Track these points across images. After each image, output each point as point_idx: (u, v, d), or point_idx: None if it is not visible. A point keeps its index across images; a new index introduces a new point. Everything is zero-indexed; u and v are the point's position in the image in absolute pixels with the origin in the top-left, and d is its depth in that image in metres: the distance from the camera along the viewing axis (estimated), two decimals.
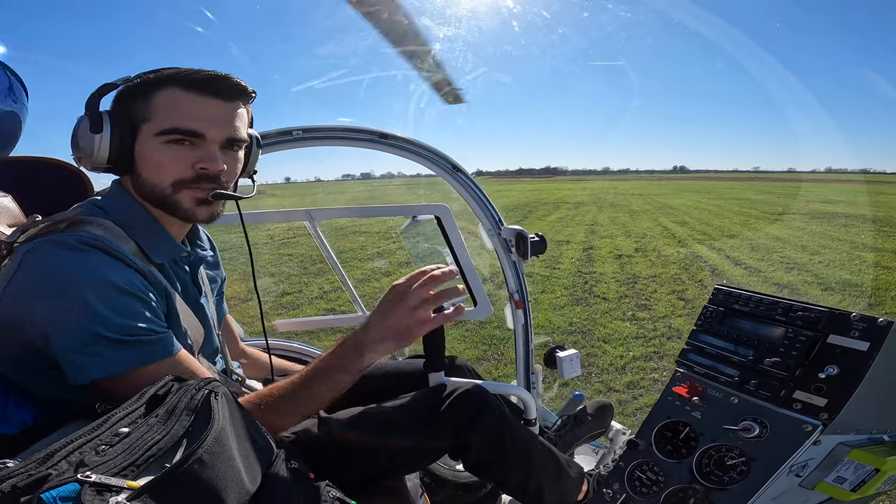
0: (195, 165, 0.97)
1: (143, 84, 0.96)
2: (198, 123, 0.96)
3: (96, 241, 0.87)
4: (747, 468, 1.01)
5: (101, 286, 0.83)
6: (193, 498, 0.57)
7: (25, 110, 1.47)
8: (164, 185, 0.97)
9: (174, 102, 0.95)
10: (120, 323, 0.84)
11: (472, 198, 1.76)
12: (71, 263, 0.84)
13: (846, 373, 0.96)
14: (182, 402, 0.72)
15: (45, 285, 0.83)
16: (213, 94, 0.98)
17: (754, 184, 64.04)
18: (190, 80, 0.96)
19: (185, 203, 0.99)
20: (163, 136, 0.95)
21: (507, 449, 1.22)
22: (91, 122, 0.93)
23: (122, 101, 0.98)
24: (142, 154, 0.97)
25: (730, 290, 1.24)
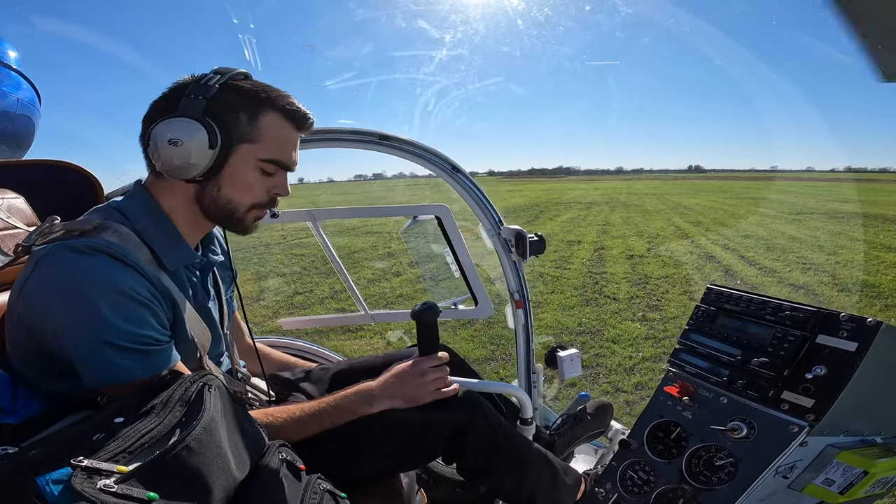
0: (270, 191, 1.04)
1: (246, 98, 0.98)
2: (293, 158, 1.05)
3: (108, 247, 0.88)
4: (735, 469, 1.01)
5: (110, 292, 0.85)
6: (180, 482, 0.61)
7: (38, 114, 1.53)
8: (245, 204, 1.03)
9: (280, 133, 1.01)
10: (127, 330, 0.85)
11: (471, 198, 1.78)
12: (82, 268, 0.85)
13: (834, 373, 0.96)
14: (176, 394, 0.75)
15: (57, 289, 0.84)
16: (302, 129, 1.05)
17: (772, 183, 62.90)
18: (290, 112, 1.01)
19: (249, 221, 1.06)
20: (264, 163, 1.00)
21: (501, 455, 1.24)
22: (210, 135, 0.93)
23: (223, 111, 0.96)
24: (235, 171, 0.99)
25: (721, 289, 1.24)
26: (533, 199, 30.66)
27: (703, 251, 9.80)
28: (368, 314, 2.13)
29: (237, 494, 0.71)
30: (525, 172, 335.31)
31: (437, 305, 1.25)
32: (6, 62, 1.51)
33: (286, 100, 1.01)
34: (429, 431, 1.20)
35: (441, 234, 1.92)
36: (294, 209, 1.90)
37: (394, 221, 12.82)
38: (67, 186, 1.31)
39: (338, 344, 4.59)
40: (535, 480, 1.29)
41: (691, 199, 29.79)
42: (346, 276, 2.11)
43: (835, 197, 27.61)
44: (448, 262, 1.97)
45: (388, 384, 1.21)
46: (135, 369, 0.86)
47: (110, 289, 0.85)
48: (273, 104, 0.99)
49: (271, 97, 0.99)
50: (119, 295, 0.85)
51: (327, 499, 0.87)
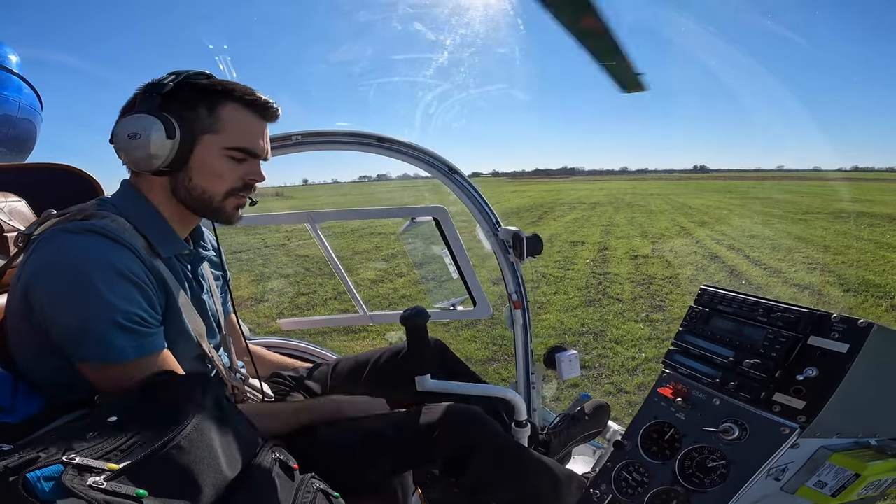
0: (245, 178, 1.09)
1: (204, 92, 1.02)
2: (259, 145, 1.08)
3: (104, 228, 0.92)
4: (727, 471, 1.01)
5: (106, 269, 0.88)
6: (169, 480, 0.62)
7: (40, 118, 1.55)
8: (218, 192, 1.07)
9: (242, 122, 1.05)
10: (122, 308, 0.88)
11: (469, 199, 1.78)
12: (78, 247, 0.89)
13: (825, 375, 0.95)
14: (169, 394, 0.76)
15: (54, 266, 0.88)
16: (267, 118, 1.10)
17: (778, 182, 62.46)
18: (250, 101, 1.05)
19: (229, 209, 1.10)
20: (229, 151, 1.04)
21: (502, 472, 1.24)
22: (166, 127, 0.98)
23: (181, 106, 1.01)
24: (202, 162, 1.03)
25: (714, 290, 1.24)
26: (537, 199, 30.63)
27: (707, 251, 9.76)
28: (367, 315, 2.14)
29: (228, 492, 0.72)
30: (529, 173, 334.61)
31: (425, 310, 1.26)
32: (7, 66, 1.54)
33: (245, 91, 1.05)
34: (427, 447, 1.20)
35: (439, 235, 1.93)
36: (293, 211, 1.92)
37: (396, 223, 12.85)
38: (69, 189, 1.33)
39: (340, 345, 4.60)
40: (536, 492, 1.29)
41: (696, 199, 29.64)
42: (344, 277, 2.13)
43: (841, 196, 27.38)
44: (447, 263, 1.98)
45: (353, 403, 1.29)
46: (126, 349, 0.88)
47: (106, 266, 0.88)
48: (231, 95, 1.04)
49: (228, 89, 1.03)
50: (114, 272, 0.89)
51: (320, 498, 0.88)
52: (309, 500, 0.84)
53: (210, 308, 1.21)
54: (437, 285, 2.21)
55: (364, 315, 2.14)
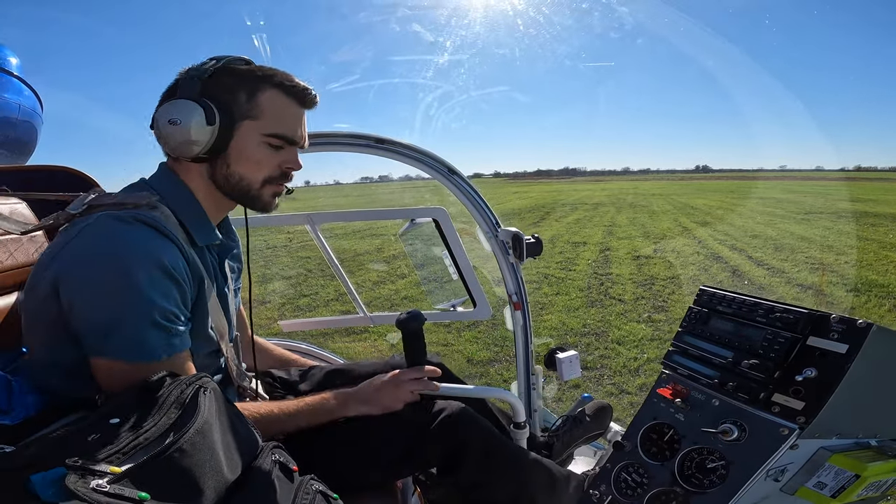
0: (282, 165, 1.07)
1: (245, 78, 1.01)
2: (297, 132, 1.07)
3: (154, 221, 0.91)
4: (726, 472, 1.01)
5: (151, 265, 0.86)
6: (172, 483, 0.62)
7: (40, 120, 1.55)
8: (256, 180, 1.06)
9: (281, 108, 1.03)
10: (161, 306, 0.87)
11: (468, 201, 1.79)
12: (127, 237, 0.87)
13: (824, 375, 0.96)
14: (172, 396, 0.77)
15: (100, 254, 0.85)
16: (306, 105, 1.08)
17: (780, 182, 62.33)
18: (290, 88, 1.04)
19: (266, 197, 1.09)
20: (268, 138, 1.03)
21: (497, 470, 1.24)
22: (206, 112, 0.97)
23: (221, 91, 1.00)
24: (241, 148, 1.03)
25: (713, 291, 1.24)
26: (539, 200, 30.62)
27: (710, 251, 9.74)
28: (367, 316, 2.15)
29: (229, 495, 0.72)
30: (531, 174, 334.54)
31: (421, 314, 1.27)
32: (7, 69, 1.54)
33: (285, 77, 1.04)
34: (423, 445, 1.21)
35: (439, 236, 1.93)
36: (293, 213, 1.92)
37: (397, 224, 12.86)
38: (69, 190, 1.33)
39: (342, 346, 4.61)
40: (533, 491, 1.29)
41: (699, 199, 29.60)
42: (344, 278, 2.13)
43: (844, 196, 27.30)
44: (446, 264, 1.98)
45: (363, 390, 1.25)
46: (158, 348, 0.88)
47: (152, 261, 0.87)
48: (271, 81, 1.02)
49: (268, 75, 1.03)
50: (159, 268, 0.88)
51: (319, 499, 0.88)
52: (308, 501, 0.84)
53: (231, 303, 1.21)
54: (438, 286, 2.22)
55: (364, 316, 2.15)
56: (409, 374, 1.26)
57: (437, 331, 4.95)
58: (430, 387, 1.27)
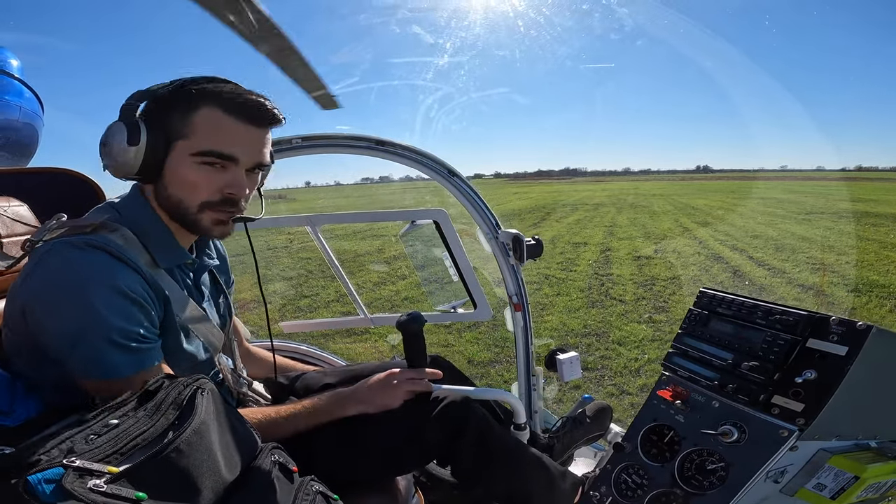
0: (223, 190, 1.00)
1: (184, 97, 0.97)
2: (235, 149, 0.98)
3: (107, 245, 0.91)
4: (726, 473, 1.01)
5: (106, 289, 0.87)
6: (169, 483, 0.63)
7: (41, 122, 1.56)
8: (192, 204, 1.00)
9: (214, 125, 0.97)
10: (120, 327, 0.87)
11: (468, 202, 1.79)
12: (79, 264, 0.88)
13: (824, 377, 0.95)
14: (170, 397, 0.77)
15: (56, 283, 0.87)
16: (251, 121, 0.99)
17: (781, 182, 62.27)
18: (231, 104, 0.97)
19: (206, 223, 1.03)
20: (199, 157, 0.97)
21: (494, 460, 1.25)
22: (129, 133, 0.94)
23: (158, 111, 0.97)
24: (174, 170, 0.98)
25: (713, 292, 1.24)
26: (539, 201, 30.62)
27: (711, 252, 9.73)
28: (368, 317, 2.15)
29: (228, 495, 0.72)
30: (532, 174, 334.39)
31: (421, 315, 1.27)
32: (8, 71, 1.55)
33: (232, 93, 0.98)
34: (422, 435, 1.22)
35: (440, 238, 1.93)
36: (293, 214, 1.93)
37: (397, 225, 12.86)
38: (70, 193, 1.34)
39: (343, 347, 4.62)
40: (529, 485, 1.30)
41: (700, 199, 29.59)
42: (344, 279, 2.13)
43: (845, 196, 27.27)
44: (447, 265, 1.98)
45: (359, 390, 1.25)
46: (121, 365, 0.88)
47: (107, 285, 0.87)
48: (212, 98, 0.96)
49: (212, 92, 0.97)
50: (115, 292, 0.88)
51: (319, 500, 0.88)
52: (308, 502, 0.85)
53: (212, 315, 1.20)
54: (438, 288, 2.21)
55: (365, 318, 2.15)
56: (406, 374, 1.27)
57: (437, 332, 4.95)
58: (426, 386, 1.28)
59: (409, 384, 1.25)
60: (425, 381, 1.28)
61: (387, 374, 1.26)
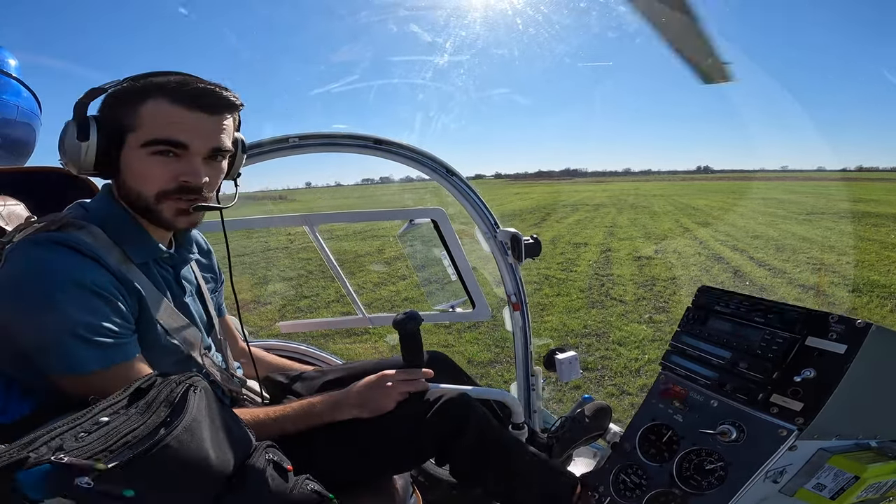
0: (178, 178, 1.00)
1: (132, 92, 0.97)
2: (183, 135, 0.98)
3: (68, 240, 0.90)
4: (725, 473, 1.00)
5: (68, 284, 0.87)
6: (159, 480, 0.62)
7: (39, 122, 1.55)
8: (149, 195, 1.00)
9: (161, 114, 0.96)
10: (84, 321, 0.87)
11: (467, 201, 1.78)
12: (41, 260, 0.88)
13: (823, 376, 0.95)
14: (161, 395, 0.76)
15: (16, 280, 0.87)
16: (200, 108, 0.99)
17: (782, 183, 62.23)
18: (178, 93, 0.97)
19: (167, 213, 1.02)
20: (148, 147, 0.96)
21: (491, 458, 1.24)
22: (78, 129, 0.95)
23: (111, 107, 0.99)
24: (127, 163, 0.99)
25: (711, 290, 1.24)
26: (540, 201, 30.61)
27: (711, 252, 9.72)
28: (366, 317, 2.14)
29: (220, 493, 0.72)
30: (532, 174, 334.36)
31: (418, 315, 1.27)
32: (6, 70, 1.55)
33: (173, 83, 0.97)
34: (420, 433, 1.21)
35: (438, 237, 1.93)
36: (291, 214, 1.92)
37: (397, 225, 12.87)
38: (67, 192, 1.33)
39: (342, 347, 4.61)
40: (527, 483, 1.29)
41: (700, 199, 29.57)
42: (342, 279, 2.13)
43: (846, 196, 27.24)
44: (445, 265, 1.98)
45: (352, 394, 1.23)
46: (89, 360, 0.87)
47: (68, 280, 0.87)
48: (159, 89, 0.97)
49: (159, 84, 0.97)
50: (76, 286, 0.87)
51: (314, 499, 0.87)
52: (302, 501, 0.84)
53: (196, 311, 1.20)
54: (437, 287, 2.21)
55: (363, 317, 2.14)
56: (399, 374, 1.25)
57: (437, 332, 4.94)
58: (421, 386, 1.26)
59: (403, 385, 1.24)
60: (420, 381, 1.27)
61: (379, 377, 1.24)
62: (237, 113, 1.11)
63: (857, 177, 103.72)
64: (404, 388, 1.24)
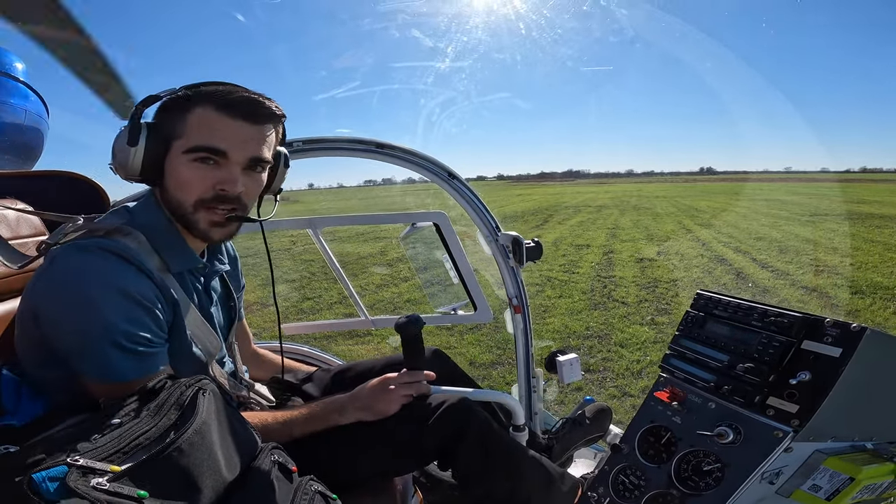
0: (216, 186, 1.01)
1: (182, 100, 1.00)
2: (222, 142, 0.99)
3: (117, 248, 0.92)
4: (722, 474, 1.02)
5: (112, 292, 0.88)
6: (171, 481, 0.64)
7: (46, 126, 1.57)
8: (188, 203, 1.02)
9: (205, 122, 0.99)
10: (125, 330, 0.89)
11: (468, 205, 1.80)
12: (88, 267, 0.89)
13: (818, 379, 0.96)
14: (172, 397, 0.78)
15: (62, 284, 0.88)
16: (244, 117, 1.01)
17: (785, 184, 62.02)
18: (222, 101, 0.99)
19: (202, 224, 1.04)
20: (189, 154, 0.99)
21: (493, 461, 1.26)
22: (130, 134, 0.98)
23: (162, 115, 1.02)
24: (170, 170, 1.01)
25: (710, 294, 1.25)
26: (542, 203, 30.60)
27: (714, 254, 9.71)
28: (369, 319, 2.16)
29: (228, 494, 0.74)
30: (534, 176, 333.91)
31: (420, 318, 1.28)
32: (13, 74, 1.57)
33: (221, 91, 1.00)
34: (422, 437, 1.23)
35: (440, 240, 1.95)
36: (294, 217, 1.94)
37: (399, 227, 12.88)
38: (75, 196, 1.36)
39: (345, 349, 4.63)
40: (528, 486, 1.30)
41: (703, 201, 29.50)
42: (345, 281, 2.15)
43: (850, 198, 27.15)
44: (447, 268, 2.00)
45: (356, 397, 1.24)
46: (126, 370, 0.89)
47: (113, 288, 0.89)
48: (206, 98, 0.99)
49: (206, 93, 0.99)
50: (121, 295, 0.89)
51: (318, 500, 0.89)
52: (307, 502, 0.86)
53: (217, 320, 1.22)
54: (439, 290, 2.23)
55: (366, 320, 2.16)
56: (401, 378, 1.27)
57: (439, 333, 4.96)
58: (423, 388, 1.28)
59: (404, 388, 1.25)
60: (422, 384, 1.28)
61: (381, 381, 1.26)
62: (280, 125, 1.12)
63: (861, 178, 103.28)
64: (406, 391, 1.25)
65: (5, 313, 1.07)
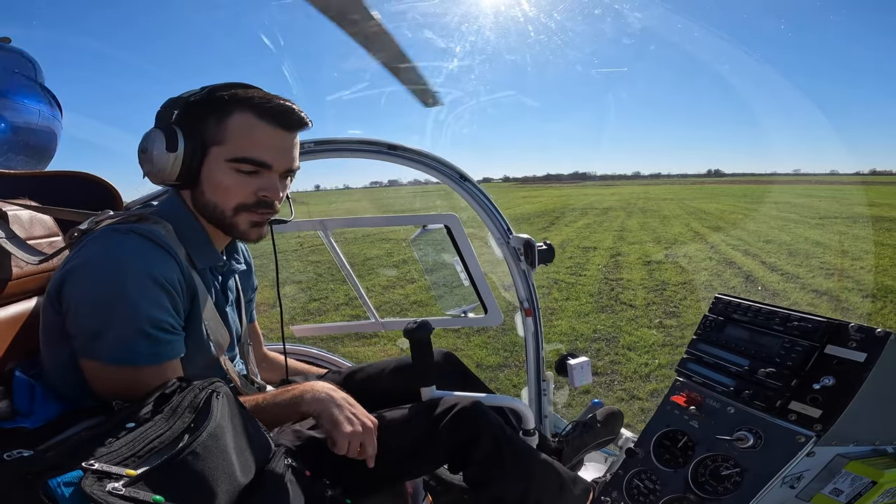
0: (258, 193, 1.03)
1: (217, 103, 0.99)
2: (268, 155, 1.01)
3: (150, 233, 0.93)
4: (741, 479, 1.00)
5: (142, 274, 0.89)
6: (186, 485, 0.63)
7: (60, 127, 1.58)
8: (228, 207, 1.03)
9: (248, 130, 0.99)
10: (150, 316, 0.89)
11: (480, 207, 1.79)
12: (121, 247, 0.90)
13: (842, 384, 0.94)
14: (186, 400, 0.78)
15: (94, 262, 0.89)
16: (282, 125, 1.02)
17: (794, 186, 61.56)
18: (263, 108, 1.00)
19: (242, 225, 1.06)
20: (234, 164, 1.00)
21: (506, 466, 1.24)
22: (167, 140, 0.97)
23: (193, 118, 1.00)
24: (209, 175, 1.01)
25: (729, 299, 1.23)
26: (548, 205, 30.54)
27: (722, 257, 9.64)
28: (379, 322, 2.15)
29: (242, 498, 0.73)
30: (540, 178, 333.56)
31: (429, 324, 1.27)
32: (27, 74, 1.57)
33: (263, 98, 1.00)
34: (433, 442, 1.21)
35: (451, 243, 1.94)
36: (305, 218, 1.94)
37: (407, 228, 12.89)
38: (87, 197, 1.35)
39: (352, 350, 4.63)
40: (540, 491, 1.29)
41: (711, 203, 29.34)
42: (356, 283, 2.14)
43: (860, 200, 26.89)
44: (458, 270, 1.99)
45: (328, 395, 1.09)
46: (143, 355, 0.89)
47: (143, 272, 0.89)
48: (245, 104, 0.99)
49: (244, 98, 1.00)
50: (150, 279, 0.90)
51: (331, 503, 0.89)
52: None
53: (232, 320, 1.22)
54: (448, 292, 2.21)
55: (376, 322, 2.15)
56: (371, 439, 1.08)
57: (446, 336, 4.95)
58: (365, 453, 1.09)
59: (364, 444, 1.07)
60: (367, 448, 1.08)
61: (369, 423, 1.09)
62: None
63: (871, 180, 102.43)
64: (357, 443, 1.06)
65: (19, 314, 1.07)
